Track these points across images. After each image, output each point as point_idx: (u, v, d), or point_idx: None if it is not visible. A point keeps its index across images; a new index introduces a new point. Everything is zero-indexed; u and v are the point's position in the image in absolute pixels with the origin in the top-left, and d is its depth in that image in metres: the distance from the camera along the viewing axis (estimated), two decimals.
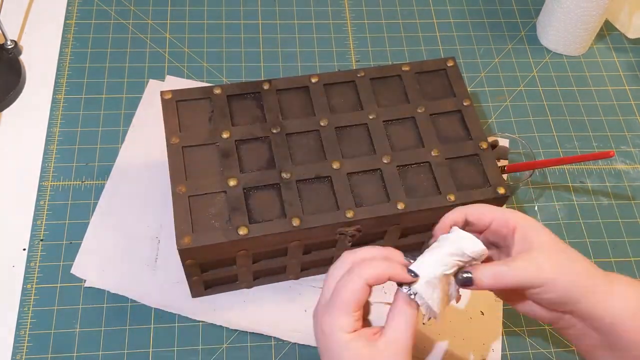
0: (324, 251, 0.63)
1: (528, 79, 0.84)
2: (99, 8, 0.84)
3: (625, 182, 0.78)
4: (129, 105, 0.77)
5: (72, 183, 0.71)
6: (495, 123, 0.80)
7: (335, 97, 0.65)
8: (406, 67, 0.67)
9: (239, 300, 0.65)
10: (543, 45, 0.87)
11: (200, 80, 0.80)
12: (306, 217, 0.57)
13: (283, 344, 0.64)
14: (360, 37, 0.86)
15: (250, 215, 0.57)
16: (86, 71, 0.79)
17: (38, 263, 0.66)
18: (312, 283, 0.67)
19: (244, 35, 0.84)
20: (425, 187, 0.60)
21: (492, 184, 0.61)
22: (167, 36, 0.83)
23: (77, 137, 0.74)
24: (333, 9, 0.88)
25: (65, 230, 0.68)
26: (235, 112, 0.63)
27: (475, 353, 0.65)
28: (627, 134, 0.81)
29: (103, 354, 0.62)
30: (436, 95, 0.66)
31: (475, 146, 0.63)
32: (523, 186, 0.76)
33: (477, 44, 0.87)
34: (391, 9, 0.89)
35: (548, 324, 0.54)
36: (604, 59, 0.88)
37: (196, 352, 0.63)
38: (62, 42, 0.81)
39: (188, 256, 0.56)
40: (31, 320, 0.63)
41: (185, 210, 0.56)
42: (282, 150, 0.60)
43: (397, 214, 0.58)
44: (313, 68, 0.82)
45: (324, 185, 0.60)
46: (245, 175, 0.59)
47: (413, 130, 0.64)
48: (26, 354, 0.61)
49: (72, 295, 0.65)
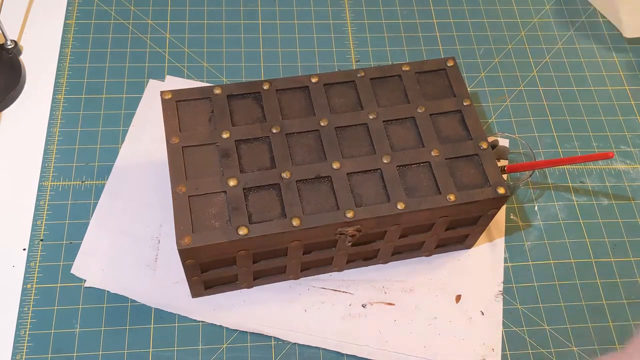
0: (324, 251, 0.63)
1: (528, 79, 0.84)
2: (99, 8, 0.84)
3: (625, 182, 0.78)
4: (129, 105, 0.77)
5: (72, 183, 0.71)
6: (495, 123, 0.80)
7: (335, 97, 0.65)
8: (406, 67, 0.67)
9: (239, 300, 0.65)
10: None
11: (200, 80, 0.80)
12: (306, 217, 0.57)
13: (283, 344, 0.64)
14: (360, 37, 0.86)
15: (250, 215, 0.57)
16: (86, 71, 0.79)
17: (38, 263, 0.66)
18: (312, 283, 0.67)
19: (244, 35, 0.84)
20: (425, 187, 0.60)
21: (492, 184, 0.61)
22: (167, 36, 0.83)
23: (77, 137, 0.74)
24: (333, 9, 0.88)
25: (65, 230, 0.68)
26: (235, 112, 0.63)
27: (475, 353, 0.65)
28: (627, 134, 0.81)
29: (103, 354, 0.62)
30: (436, 95, 0.66)
31: (475, 146, 0.63)
32: (523, 186, 0.76)
33: (477, 44, 0.87)
34: (391, 9, 0.89)
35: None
36: (604, 59, 0.88)
37: (196, 352, 0.63)
38: (62, 42, 0.81)
39: (188, 256, 0.56)
40: (31, 320, 0.63)
41: (185, 210, 0.56)
42: (282, 150, 0.60)
43: (397, 214, 0.58)
44: (313, 68, 0.82)
45: (324, 185, 0.60)
46: (245, 175, 0.59)
47: (413, 130, 0.64)
48: (26, 354, 0.61)
49: (72, 295, 0.65)
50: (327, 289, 0.67)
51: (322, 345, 0.64)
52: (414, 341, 0.65)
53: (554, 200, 0.75)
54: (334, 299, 0.66)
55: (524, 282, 0.70)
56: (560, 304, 0.69)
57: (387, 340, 0.64)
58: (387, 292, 0.67)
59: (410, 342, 0.65)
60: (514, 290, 0.69)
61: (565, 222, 0.74)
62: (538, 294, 0.69)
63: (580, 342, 0.67)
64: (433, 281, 0.68)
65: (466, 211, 0.62)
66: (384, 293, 0.67)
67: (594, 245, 0.73)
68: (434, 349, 0.64)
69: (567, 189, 0.77)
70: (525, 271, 0.70)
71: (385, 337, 0.65)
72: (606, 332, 0.68)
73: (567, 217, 0.74)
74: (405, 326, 0.65)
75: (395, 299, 0.67)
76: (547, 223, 0.74)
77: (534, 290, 0.69)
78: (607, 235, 0.74)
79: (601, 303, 0.69)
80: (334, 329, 0.65)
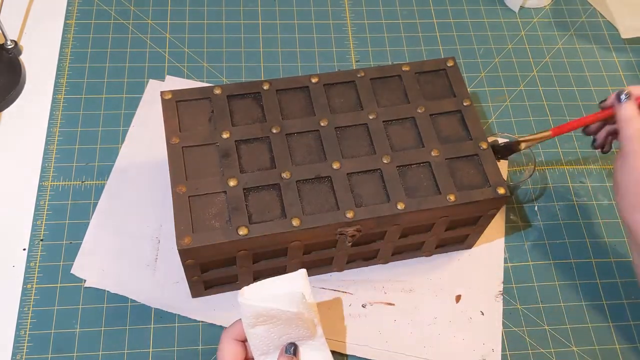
0: (324, 251, 0.63)
1: (528, 79, 0.84)
2: (99, 8, 0.84)
3: None
4: (129, 105, 0.77)
5: (72, 183, 0.71)
6: (495, 123, 0.80)
7: (335, 97, 0.65)
8: (406, 67, 0.67)
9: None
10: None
11: (200, 80, 0.80)
12: (306, 217, 0.57)
13: None
14: (360, 37, 0.86)
15: (250, 215, 0.57)
16: (86, 71, 0.79)
17: (38, 263, 0.66)
18: (312, 283, 0.67)
19: (244, 35, 0.84)
20: (425, 187, 0.60)
21: (492, 184, 0.61)
22: (167, 36, 0.83)
23: (77, 137, 0.74)
24: (333, 9, 0.88)
25: (65, 230, 0.68)
26: (235, 112, 0.63)
27: (475, 353, 0.65)
28: None
29: (103, 354, 0.62)
30: (436, 95, 0.66)
31: (475, 146, 0.63)
32: (523, 186, 0.76)
33: (477, 44, 0.87)
34: (391, 9, 0.89)
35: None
36: (604, 59, 0.88)
37: (196, 352, 0.63)
38: (62, 42, 0.81)
39: (188, 256, 0.56)
40: (31, 320, 0.63)
41: (186, 210, 0.56)
42: (282, 151, 0.60)
43: (397, 214, 0.58)
44: (313, 68, 0.82)
45: (324, 185, 0.60)
46: (245, 175, 0.59)
47: (413, 130, 0.64)
48: (26, 354, 0.61)
49: (72, 295, 0.65)
50: (327, 289, 0.67)
51: None
52: (414, 341, 0.65)
53: (554, 200, 0.75)
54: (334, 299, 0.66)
55: (524, 282, 0.70)
56: (560, 304, 0.69)
57: (387, 340, 0.64)
58: (387, 292, 0.67)
59: (410, 342, 0.65)
60: (514, 290, 0.69)
61: (565, 222, 0.74)
62: (538, 294, 0.69)
63: (580, 342, 0.67)
64: (433, 281, 0.68)
65: (466, 211, 0.62)
66: (384, 293, 0.67)
67: (594, 245, 0.73)
68: (434, 349, 0.64)
69: (567, 189, 0.77)
70: (525, 271, 0.70)
71: (385, 337, 0.65)
72: (606, 332, 0.68)
73: (567, 217, 0.74)
74: (405, 326, 0.65)
75: (395, 299, 0.67)
76: (547, 223, 0.74)
77: (534, 290, 0.69)
78: (607, 235, 0.74)
79: (601, 303, 0.69)
80: (334, 329, 0.65)
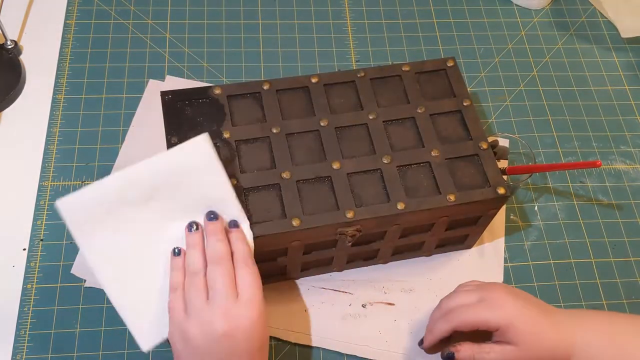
0: (324, 251, 0.63)
1: (528, 79, 0.84)
2: (99, 8, 0.84)
3: (625, 182, 0.78)
4: (129, 105, 0.77)
5: (72, 183, 0.71)
6: (495, 123, 0.80)
7: (335, 97, 0.65)
8: (406, 67, 0.67)
9: None
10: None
11: (200, 80, 0.80)
12: (306, 217, 0.57)
13: (283, 344, 0.64)
14: (360, 37, 0.86)
15: (250, 215, 0.57)
16: (86, 71, 0.79)
17: (38, 263, 0.66)
18: (312, 283, 0.67)
19: (244, 35, 0.84)
20: (425, 187, 0.60)
21: (492, 184, 0.61)
22: (167, 36, 0.83)
23: (77, 137, 0.74)
24: (333, 9, 0.88)
25: (65, 230, 0.68)
26: (235, 112, 0.63)
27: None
28: (627, 134, 0.81)
29: (103, 354, 0.62)
30: (436, 95, 0.66)
31: (475, 146, 0.63)
32: (523, 186, 0.76)
33: (477, 44, 0.87)
34: (391, 9, 0.89)
35: None
36: (604, 59, 0.88)
37: None
38: (62, 42, 0.81)
39: None
40: (31, 320, 0.63)
41: None
42: (282, 151, 0.60)
43: (397, 214, 0.58)
44: (313, 68, 0.82)
45: (324, 185, 0.60)
46: (245, 175, 0.59)
47: (413, 130, 0.64)
48: (26, 354, 0.61)
49: (72, 295, 0.65)
50: (327, 289, 0.67)
51: (322, 345, 0.64)
52: (414, 341, 0.65)
53: (554, 200, 0.75)
54: (334, 299, 0.66)
55: (524, 282, 0.70)
56: (560, 304, 0.69)
57: (387, 340, 0.64)
58: (387, 292, 0.67)
59: (410, 342, 0.65)
60: None
61: (565, 222, 0.74)
62: (538, 294, 0.69)
63: None
64: (433, 281, 0.68)
65: (466, 211, 0.62)
66: (384, 293, 0.67)
67: (594, 245, 0.73)
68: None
69: (567, 188, 0.77)
70: (525, 271, 0.70)
71: (385, 337, 0.65)
72: None
73: (567, 217, 0.74)
74: (405, 326, 0.65)
75: (395, 299, 0.67)
76: (547, 223, 0.74)
77: (534, 290, 0.69)
78: (607, 235, 0.74)
79: (601, 303, 0.69)
80: (334, 329, 0.65)
